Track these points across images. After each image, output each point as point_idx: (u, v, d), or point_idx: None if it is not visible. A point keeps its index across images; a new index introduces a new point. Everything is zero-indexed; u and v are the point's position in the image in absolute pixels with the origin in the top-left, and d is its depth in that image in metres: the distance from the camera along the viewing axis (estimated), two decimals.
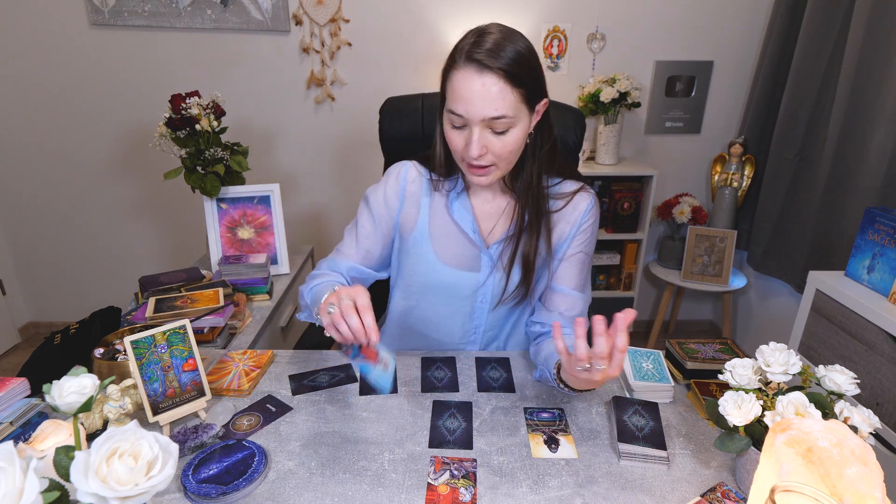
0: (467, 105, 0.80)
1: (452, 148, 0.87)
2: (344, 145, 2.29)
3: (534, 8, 2.11)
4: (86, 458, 0.45)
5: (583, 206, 0.97)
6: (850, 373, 0.69)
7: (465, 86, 0.80)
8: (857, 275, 1.40)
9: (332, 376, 0.95)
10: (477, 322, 1.03)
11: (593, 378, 0.71)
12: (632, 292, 2.35)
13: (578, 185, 0.98)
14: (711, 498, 0.69)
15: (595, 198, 1.00)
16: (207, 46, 2.11)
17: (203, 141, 1.42)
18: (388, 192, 1.00)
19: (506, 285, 0.97)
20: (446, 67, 0.84)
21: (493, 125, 0.81)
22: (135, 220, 2.38)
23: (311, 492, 0.70)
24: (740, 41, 2.17)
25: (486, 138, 0.83)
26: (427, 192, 0.99)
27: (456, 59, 0.82)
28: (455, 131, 0.85)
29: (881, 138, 1.59)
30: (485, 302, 1.00)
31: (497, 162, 0.85)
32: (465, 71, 0.80)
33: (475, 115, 0.80)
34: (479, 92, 0.79)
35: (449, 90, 0.83)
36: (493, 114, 0.80)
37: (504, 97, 0.79)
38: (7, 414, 0.77)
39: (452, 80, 0.82)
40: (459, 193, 0.98)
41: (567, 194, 0.97)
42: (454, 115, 0.83)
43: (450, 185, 0.98)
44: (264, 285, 1.37)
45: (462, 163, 0.89)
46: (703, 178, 2.39)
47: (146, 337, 0.78)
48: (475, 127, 0.82)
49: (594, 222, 1.00)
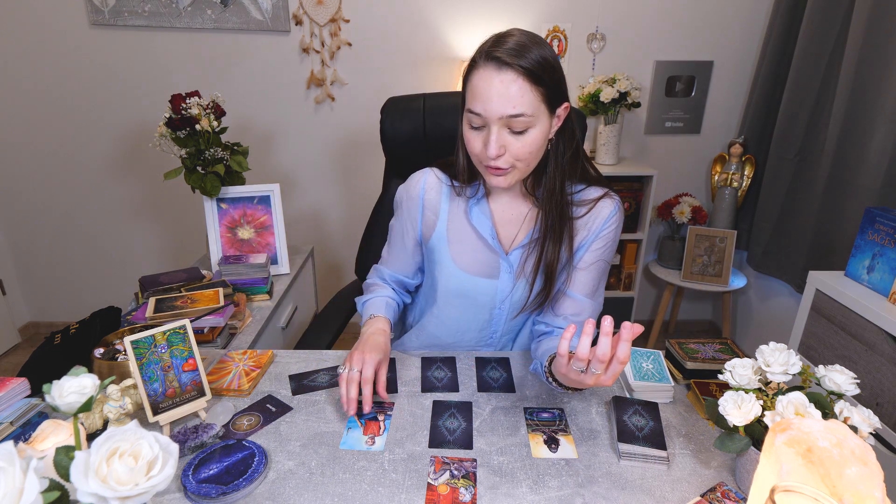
0: (485, 103, 0.79)
1: (471, 150, 0.86)
2: (344, 145, 2.29)
3: (534, 8, 2.11)
4: (86, 458, 0.45)
5: (605, 213, 0.95)
6: (850, 373, 0.69)
7: (483, 84, 0.79)
8: (857, 275, 1.40)
9: (332, 376, 0.95)
10: (494, 328, 1.03)
11: (585, 381, 0.70)
12: (632, 292, 2.35)
13: (603, 191, 0.96)
14: (711, 498, 0.69)
15: (619, 204, 0.97)
16: (207, 46, 2.11)
17: (203, 141, 1.42)
18: (409, 203, 1.00)
19: (529, 293, 0.95)
20: (467, 70, 0.84)
21: (511, 124, 0.80)
22: (135, 220, 2.38)
23: (311, 492, 0.70)
24: (740, 41, 2.17)
25: (505, 138, 0.82)
26: (447, 198, 0.99)
27: (476, 59, 0.82)
28: (474, 133, 0.84)
29: (881, 138, 1.59)
30: (503, 309, 1.00)
31: (516, 163, 0.84)
32: (484, 69, 0.80)
33: (493, 113, 0.80)
34: (498, 89, 0.78)
35: (469, 91, 0.83)
36: (512, 111, 0.79)
37: (523, 95, 0.79)
38: (7, 414, 0.77)
39: (472, 79, 0.82)
40: (480, 199, 0.97)
41: (590, 201, 0.95)
42: (472, 115, 0.82)
43: (471, 191, 0.97)
44: (264, 285, 1.37)
45: (481, 165, 0.87)
46: (703, 178, 2.40)
47: (146, 337, 0.78)
48: (493, 126, 0.81)
49: (615, 229, 0.96)
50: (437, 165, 1.01)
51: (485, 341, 1.05)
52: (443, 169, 1.00)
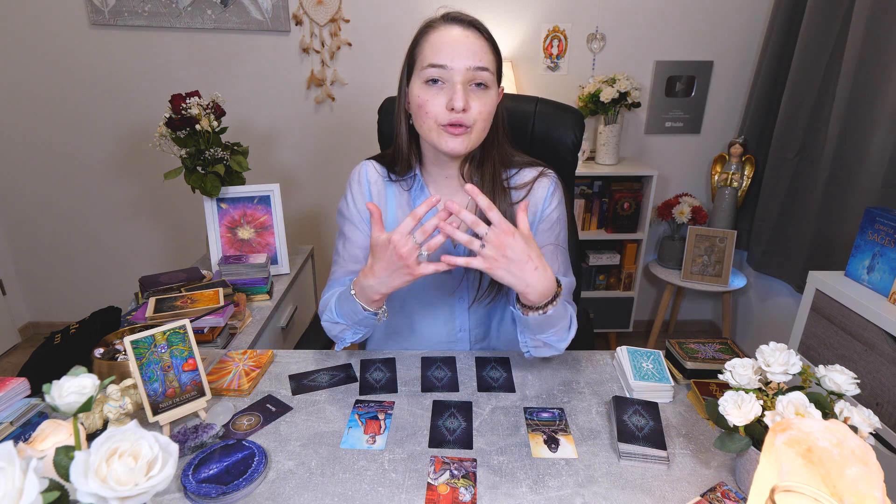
0: (453, 55, 0.81)
1: (428, 110, 0.83)
2: (344, 145, 2.29)
3: (534, 8, 2.11)
4: (86, 458, 0.45)
5: (541, 193, 0.95)
6: (850, 373, 0.69)
7: (449, 39, 0.82)
8: (856, 275, 1.40)
9: (332, 376, 0.95)
10: (460, 321, 1.02)
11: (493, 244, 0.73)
12: (632, 292, 2.35)
13: (537, 171, 0.96)
14: (711, 498, 0.69)
15: (555, 180, 0.96)
16: (207, 46, 2.11)
17: (203, 141, 1.42)
18: (357, 197, 1.00)
19: (481, 279, 0.96)
20: (417, 36, 0.86)
21: (476, 77, 0.82)
22: (135, 220, 2.38)
23: (311, 492, 0.70)
24: (740, 41, 2.17)
25: (468, 93, 0.82)
26: (389, 189, 0.99)
27: (432, 23, 0.85)
28: (432, 91, 0.83)
29: (881, 138, 1.59)
30: (463, 299, 1.00)
31: (475, 122, 0.84)
32: (447, 27, 0.83)
33: (460, 65, 0.81)
34: (464, 43, 0.81)
35: (427, 49, 0.83)
36: (479, 63, 0.82)
37: (486, 53, 0.83)
38: (7, 414, 0.77)
39: (431, 39, 0.84)
40: (421, 190, 0.97)
41: (526, 183, 0.95)
42: (434, 69, 0.82)
43: (406, 184, 0.98)
44: (264, 285, 1.37)
45: (437, 128, 0.84)
46: (703, 178, 2.40)
47: (146, 337, 0.78)
48: (457, 78, 0.82)
49: (557, 205, 0.96)
50: (373, 158, 1.02)
51: (454, 336, 1.04)
52: (379, 161, 1.01)
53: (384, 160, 1.00)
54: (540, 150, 1.15)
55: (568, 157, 1.16)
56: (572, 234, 1.17)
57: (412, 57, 0.87)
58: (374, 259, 0.79)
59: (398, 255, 0.75)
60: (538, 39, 2.16)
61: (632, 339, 2.54)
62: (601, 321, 2.38)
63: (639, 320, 2.60)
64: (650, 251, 2.47)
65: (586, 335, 1.19)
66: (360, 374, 0.95)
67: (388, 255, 0.76)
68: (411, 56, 0.87)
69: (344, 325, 0.91)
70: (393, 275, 0.78)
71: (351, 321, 0.89)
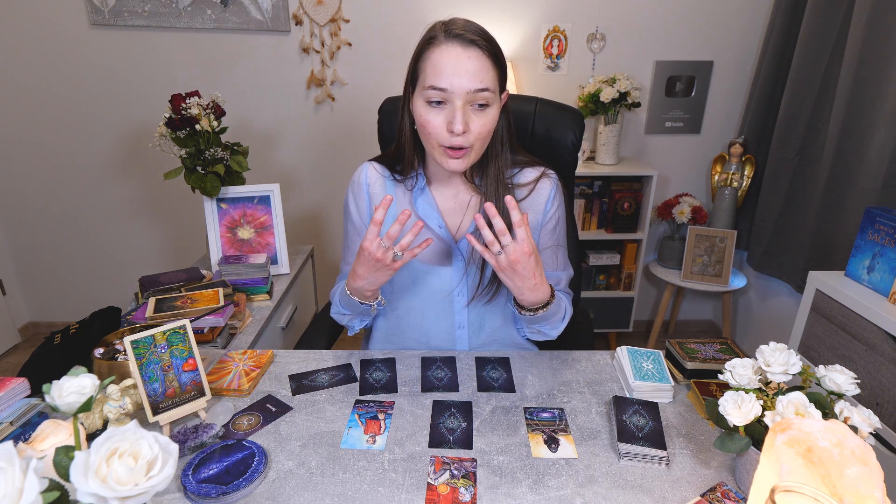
0: (452, 78, 0.81)
1: (429, 130, 0.85)
2: (344, 145, 2.29)
3: (534, 8, 2.11)
4: (86, 458, 0.45)
5: (545, 195, 0.98)
6: (850, 373, 0.69)
7: (450, 59, 0.81)
8: (857, 275, 1.40)
9: (331, 376, 0.95)
10: (459, 319, 1.03)
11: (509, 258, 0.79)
12: (632, 292, 2.35)
13: (539, 171, 0.99)
14: (711, 498, 0.69)
15: (556, 182, 0.99)
16: (207, 46, 2.11)
17: (203, 141, 1.42)
18: (357, 200, 1.02)
19: (481, 278, 0.97)
20: (419, 50, 0.86)
21: (475, 98, 0.83)
22: (135, 220, 2.38)
23: (311, 492, 0.70)
24: (740, 41, 2.17)
25: (468, 114, 0.83)
26: (390, 190, 1.00)
27: (434, 39, 0.83)
28: (433, 111, 0.84)
29: (881, 138, 1.59)
30: (462, 296, 1.01)
31: (475, 143, 0.86)
32: (448, 46, 0.82)
33: (460, 88, 0.81)
34: (465, 65, 0.81)
35: (428, 68, 0.83)
36: (479, 85, 0.81)
37: (487, 71, 0.82)
38: (7, 414, 0.77)
39: (432, 57, 0.83)
40: (423, 189, 0.98)
41: (529, 183, 0.98)
42: (435, 91, 0.82)
43: (410, 183, 0.99)
44: (264, 285, 1.37)
45: (437, 148, 0.87)
46: (703, 178, 2.40)
47: (146, 337, 0.78)
48: (458, 102, 0.82)
49: (558, 207, 1.00)
50: (374, 159, 1.03)
51: (454, 334, 1.04)
52: (380, 162, 1.02)
53: (385, 160, 1.02)
54: (540, 150, 1.15)
55: (568, 157, 1.17)
56: (572, 234, 1.18)
57: (415, 71, 0.87)
58: (357, 262, 0.87)
59: (374, 258, 0.83)
60: (538, 39, 2.15)
61: (632, 339, 2.54)
62: (601, 321, 2.38)
63: (639, 320, 2.60)
64: (650, 251, 2.47)
65: (586, 335, 1.19)
66: (360, 374, 0.95)
67: (365, 259, 0.84)
68: (414, 70, 0.88)
69: (350, 315, 1.01)
70: (375, 274, 0.86)
71: (354, 312, 0.99)
